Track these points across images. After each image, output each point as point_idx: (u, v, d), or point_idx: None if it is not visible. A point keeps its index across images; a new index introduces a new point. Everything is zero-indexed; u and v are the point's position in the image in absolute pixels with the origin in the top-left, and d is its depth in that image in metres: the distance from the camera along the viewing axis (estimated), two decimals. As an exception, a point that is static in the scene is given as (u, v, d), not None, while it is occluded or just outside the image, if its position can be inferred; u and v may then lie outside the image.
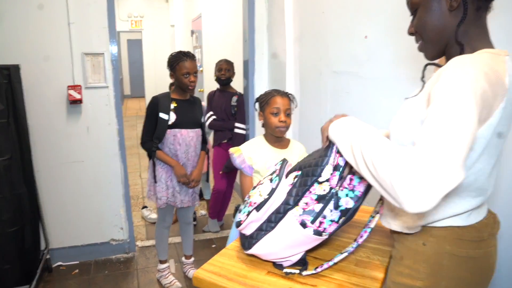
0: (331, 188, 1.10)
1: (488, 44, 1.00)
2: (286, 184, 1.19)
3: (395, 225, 1.06)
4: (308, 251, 1.26)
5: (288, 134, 2.96)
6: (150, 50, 11.90)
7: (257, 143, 1.95)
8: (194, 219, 3.88)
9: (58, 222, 3.11)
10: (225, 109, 3.56)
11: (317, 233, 1.12)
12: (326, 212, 1.11)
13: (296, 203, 1.13)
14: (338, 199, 1.11)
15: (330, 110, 2.39)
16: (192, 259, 3.04)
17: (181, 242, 3.04)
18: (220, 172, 3.55)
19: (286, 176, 1.23)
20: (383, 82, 1.90)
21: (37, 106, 2.91)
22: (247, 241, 1.22)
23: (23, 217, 2.74)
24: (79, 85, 2.97)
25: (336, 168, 1.10)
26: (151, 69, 11.69)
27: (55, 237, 3.12)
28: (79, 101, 2.97)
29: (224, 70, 3.54)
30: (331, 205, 1.10)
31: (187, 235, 2.96)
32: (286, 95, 1.91)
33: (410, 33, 1.09)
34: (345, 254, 1.18)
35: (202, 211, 4.20)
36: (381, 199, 1.18)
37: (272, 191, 1.18)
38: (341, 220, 1.13)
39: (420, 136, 0.84)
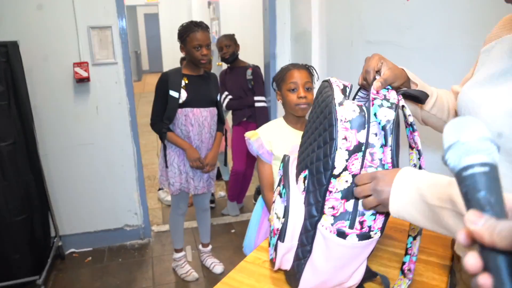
0: (354, 176, 0.83)
1: None
2: (299, 193, 0.91)
3: None
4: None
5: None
6: (167, 24, 11.61)
7: (277, 125, 1.69)
8: (213, 202, 3.69)
9: (69, 208, 2.95)
10: (242, 85, 3.30)
11: (364, 236, 0.85)
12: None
13: (321, 211, 0.86)
14: None
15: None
16: (210, 247, 2.84)
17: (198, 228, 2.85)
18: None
19: (297, 181, 0.95)
20: (430, 53, 1.60)
21: (40, 86, 2.71)
22: (292, 278, 0.96)
23: (31, 204, 2.59)
24: (86, 62, 2.74)
25: (355, 149, 0.82)
26: (168, 43, 11.42)
27: (67, 223, 2.98)
28: (87, 79, 2.75)
29: (225, 47, 3.26)
30: None
31: (204, 223, 2.76)
32: (304, 67, 1.64)
33: None
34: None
35: (221, 193, 4.00)
36: None
37: (286, 210, 0.91)
38: None
39: None
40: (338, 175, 0.83)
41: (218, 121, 2.49)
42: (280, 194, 0.97)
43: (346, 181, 0.83)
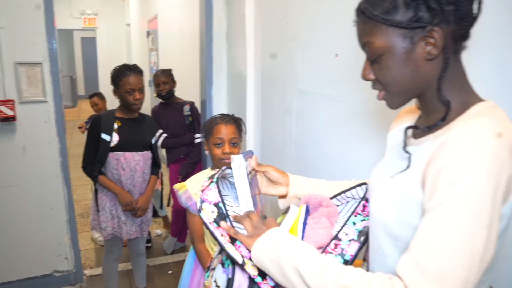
0: None
1: (473, 92, 0.82)
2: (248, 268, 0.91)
3: None
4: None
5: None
6: (105, 49, 11.33)
7: (205, 177, 1.69)
8: (149, 241, 3.57)
9: (-9, 255, 2.73)
10: (179, 122, 3.26)
11: None
12: None
13: None
14: None
15: (295, 132, 2.16)
16: (146, 291, 2.74)
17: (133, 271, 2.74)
18: (179, 178, 3.24)
19: None
20: (357, 107, 1.69)
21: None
22: None
23: None
24: (12, 100, 2.60)
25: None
26: (106, 69, 11.10)
27: (-13, 272, 2.74)
28: (12, 118, 2.60)
29: (162, 84, 3.23)
30: None
31: (139, 267, 2.67)
32: (232, 121, 1.69)
33: (366, 79, 0.86)
34: None
35: (158, 231, 3.88)
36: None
37: (230, 283, 0.92)
38: None
39: (417, 250, 0.69)
40: None
41: (153, 164, 2.45)
42: (222, 264, 0.97)
43: None
